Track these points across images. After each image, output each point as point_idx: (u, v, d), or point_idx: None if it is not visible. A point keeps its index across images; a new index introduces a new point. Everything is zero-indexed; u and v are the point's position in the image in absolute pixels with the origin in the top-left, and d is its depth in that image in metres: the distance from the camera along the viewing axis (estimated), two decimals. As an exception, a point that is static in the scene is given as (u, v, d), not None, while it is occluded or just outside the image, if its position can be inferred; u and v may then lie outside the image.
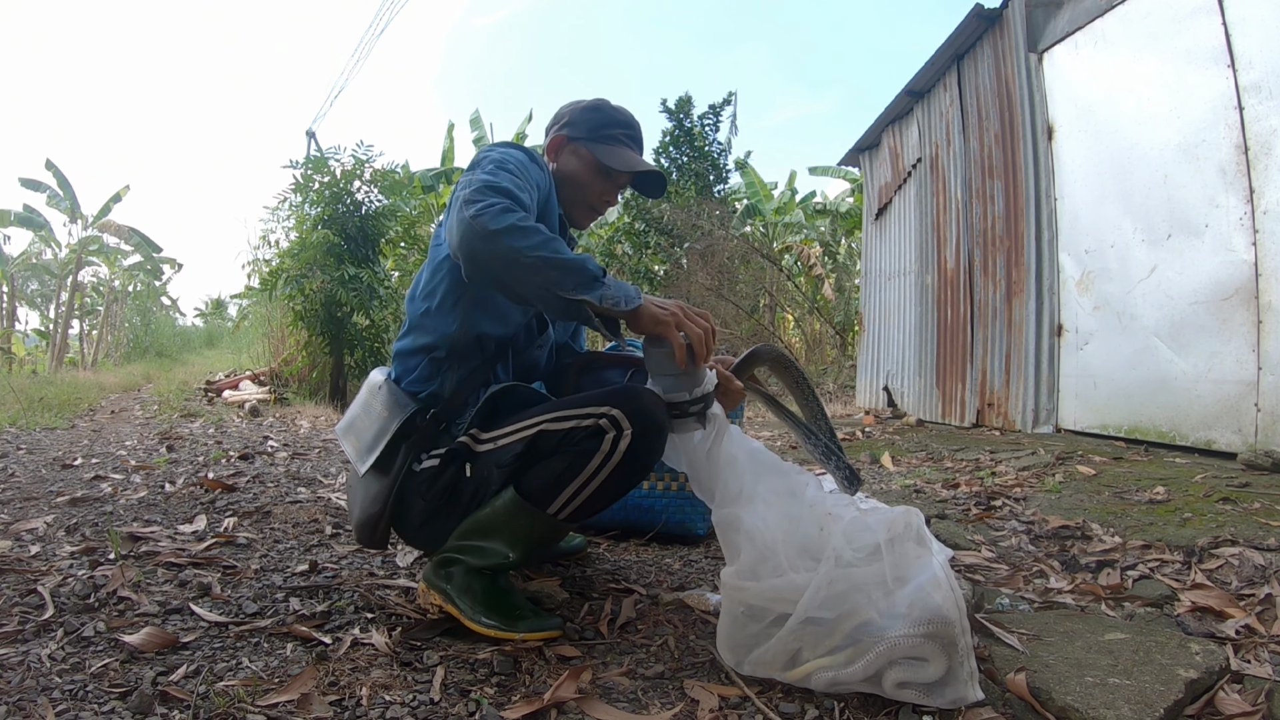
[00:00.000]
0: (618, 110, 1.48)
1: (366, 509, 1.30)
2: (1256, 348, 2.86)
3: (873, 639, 1.00)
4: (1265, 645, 1.21)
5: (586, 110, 1.46)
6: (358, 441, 1.35)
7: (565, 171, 1.45)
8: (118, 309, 17.37)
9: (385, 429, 1.29)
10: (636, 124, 1.50)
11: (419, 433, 1.29)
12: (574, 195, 1.45)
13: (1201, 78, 3.07)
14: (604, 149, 1.43)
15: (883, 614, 1.01)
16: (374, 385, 1.41)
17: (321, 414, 5.53)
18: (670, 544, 1.88)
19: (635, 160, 1.44)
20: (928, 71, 5.11)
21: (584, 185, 1.44)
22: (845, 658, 1.01)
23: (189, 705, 0.97)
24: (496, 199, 1.12)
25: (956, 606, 1.00)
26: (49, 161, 15.95)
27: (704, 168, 10.27)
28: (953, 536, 1.87)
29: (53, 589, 1.36)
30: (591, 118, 1.45)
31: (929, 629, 0.98)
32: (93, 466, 2.83)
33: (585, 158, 1.43)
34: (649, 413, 1.18)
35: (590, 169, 1.43)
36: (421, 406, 1.31)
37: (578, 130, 1.44)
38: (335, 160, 6.53)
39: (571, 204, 1.46)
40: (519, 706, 1.00)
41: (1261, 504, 1.96)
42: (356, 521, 1.34)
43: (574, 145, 1.44)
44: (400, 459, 1.28)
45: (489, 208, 1.10)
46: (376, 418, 1.33)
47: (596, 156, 1.42)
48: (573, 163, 1.44)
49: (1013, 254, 4.28)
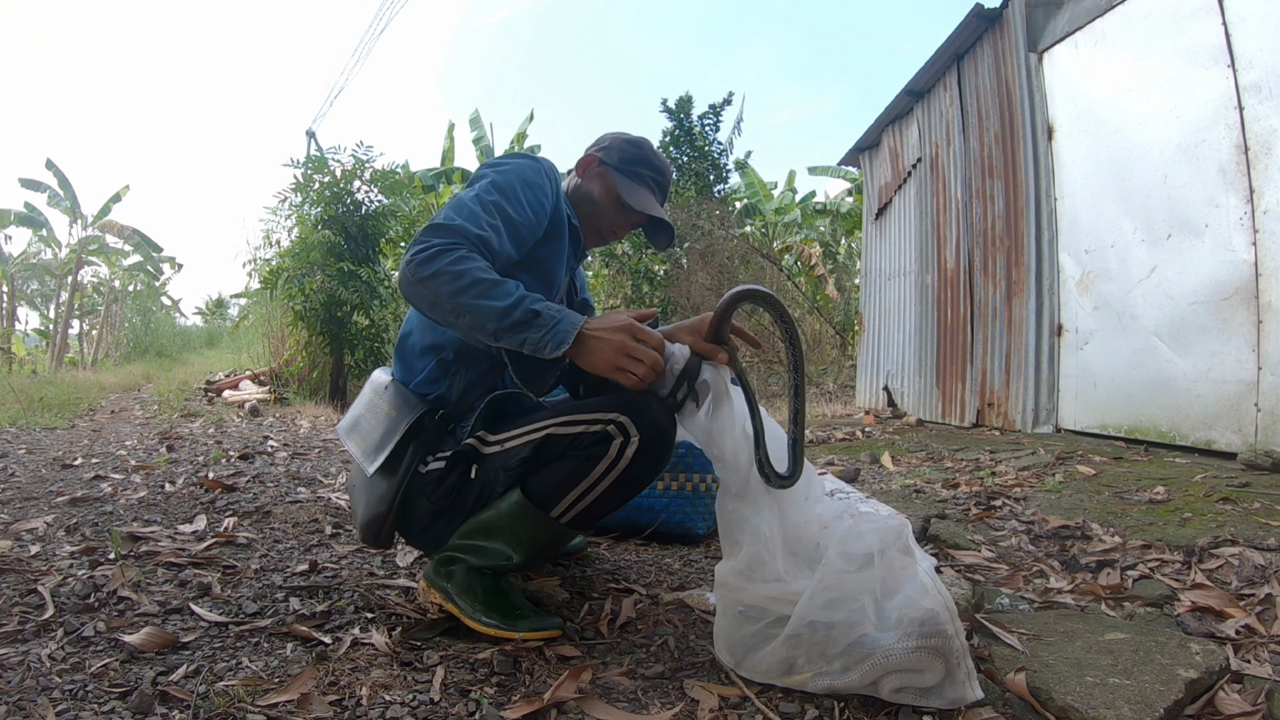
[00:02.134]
0: (655, 155, 1.51)
1: (372, 509, 1.30)
2: (1256, 348, 2.86)
3: (866, 651, 1.00)
4: (1265, 645, 1.21)
5: (627, 144, 1.50)
6: (364, 441, 1.35)
7: (586, 191, 1.48)
8: (118, 309, 17.36)
9: (394, 429, 1.29)
10: (668, 174, 1.53)
11: (427, 433, 1.29)
12: (588, 216, 1.48)
13: (1201, 78, 3.07)
14: (628, 184, 1.45)
15: (876, 626, 1.01)
16: (379, 385, 1.40)
17: (321, 414, 5.53)
18: (670, 544, 1.88)
19: (652, 204, 1.46)
20: (928, 71, 5.11)
21: (599, 210, 1.46)
22: (840, 666, 1.01)
23: (189, 705, 0.97)
24: (435, 241, 1.14)
25: (947, 609, 1.00)
26: (49, 161, 15.94)
27: (704, 168, 10.26)
28: (953, 536, 1.87)
29: (53, 589, 1.36)
30: (628, 151, 1.48)
31: (922, 641, 0.97)
32: (93, 466, 2.83)
33: (608, 185, 1.46)
34: (657, 421, 1.18)
35: (609, 197, 1.45)
36: (430, 408, 1.31)
37: (611, 157, 1.48)
38: (335, 160, 6.53)
39: (584, 224, 1.48)
40: (519, 706, 1.00)
41: (1261, 504, 1.96)
42: (361, 521, 1.33)
43: (602, 170, 1.47)
44: (408, 460, 1.28)
45: (422, 251, 1.13)
46: (384, 418, 1.33)
47: (618, 188, 1.44)
48: (596, 186, 1.47)
49: (1013, 254, 4.28)
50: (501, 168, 1.31)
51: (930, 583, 1.01)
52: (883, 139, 6.15)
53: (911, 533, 1.12)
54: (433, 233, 1.16)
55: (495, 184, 1.27)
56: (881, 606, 1.01)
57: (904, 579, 1.03)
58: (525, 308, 1.11)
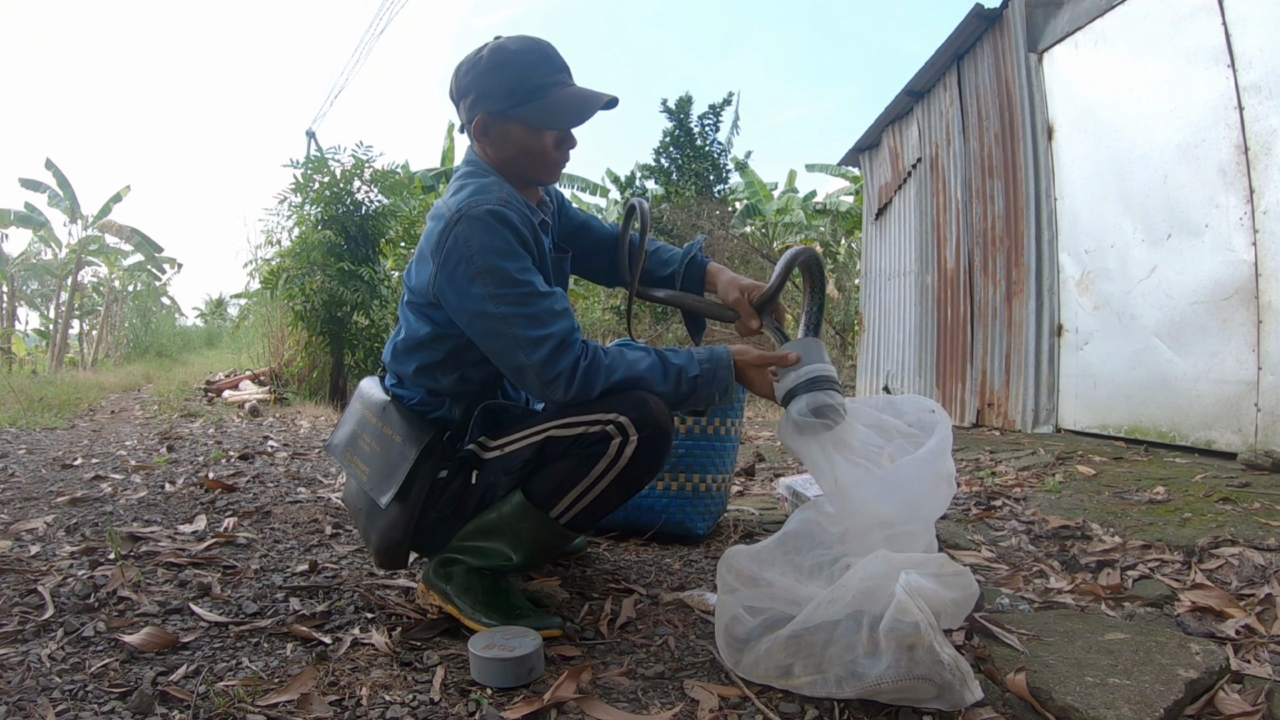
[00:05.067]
0: (524, 51, 1.22)
1: (387, 535, 1.27)
2: (1256, 348, 2.85)
3: (858, 676, 0.98)
4: (1265, 645, 1.21)
5: (491, 73, 1.21)
6: (367, 468, 1.29)
7: (507, 155, 1.26)
8: (118, 309, 17.35)
9: (403, 457, 1.25)
10: (548, 51, 1.24)
11: (436, 456, 1.27)
12: (529, 167, 1.28)
13: (1201, 78, 3.07)
14: (540, 111, 1.21)
15: (866, 649, 0.98)
16: (375, 403, 1.35)
17: (321, 414, 5.53)
18: (670, 544, 1.88)
19: (582, 106, 1.22)
20: (928, 71, 5.11)
21: (536, 155, 1.26)
22: (834, 678, 1.00)
23: (189, 705, 0.97)
24: (564, 360, 1.15)
25: (930, 626, 0.98)
26: (49, 161, 15.92)
27: (704, 168, 10.28)
28: (953, 536, 1.87)
29: (53, 589, 1.36)
30: (502, 80, 1.21)
31: (912, 668, 0.96)
32: (93, 466, 2.83)
33: (520, 133, 1.23)
34: (656, 420, 1.18)
35: (534, 140, 1.24)
36: (438, 432, 1.28)
37: (496, 102, 1.22)
38: (335, 160, 6.54)
39: (532, 172, 1.29)
40: (519, 706, 1.00)
41: (1261, 504, 1.95)
42: (376, 547, 1.30)
43: (500, 122, 1.23)
44: (420, 484, 1.25)
45: (570, 379, 1.15)
46: (387, 443, 1.28)
47: (532, 126, 1.22)
48: (510, 143, 1.25)
49: (1013, 254, 4.28)
50: (473, 264, 1.14)
51: (907, 600, 0.98)
52: (883, 139, 6.15)
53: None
54: (550, 360, 1.14)
55: (491, 291, 1.14)
56: (874, 629, 0.99)
57: (886, 597, 1.00)
58: (684, 381, 1.20)
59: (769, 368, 1.22)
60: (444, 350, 1.27)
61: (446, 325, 1.24)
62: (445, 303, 1.20)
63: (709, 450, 1.88)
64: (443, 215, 1.19)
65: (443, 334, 1.26)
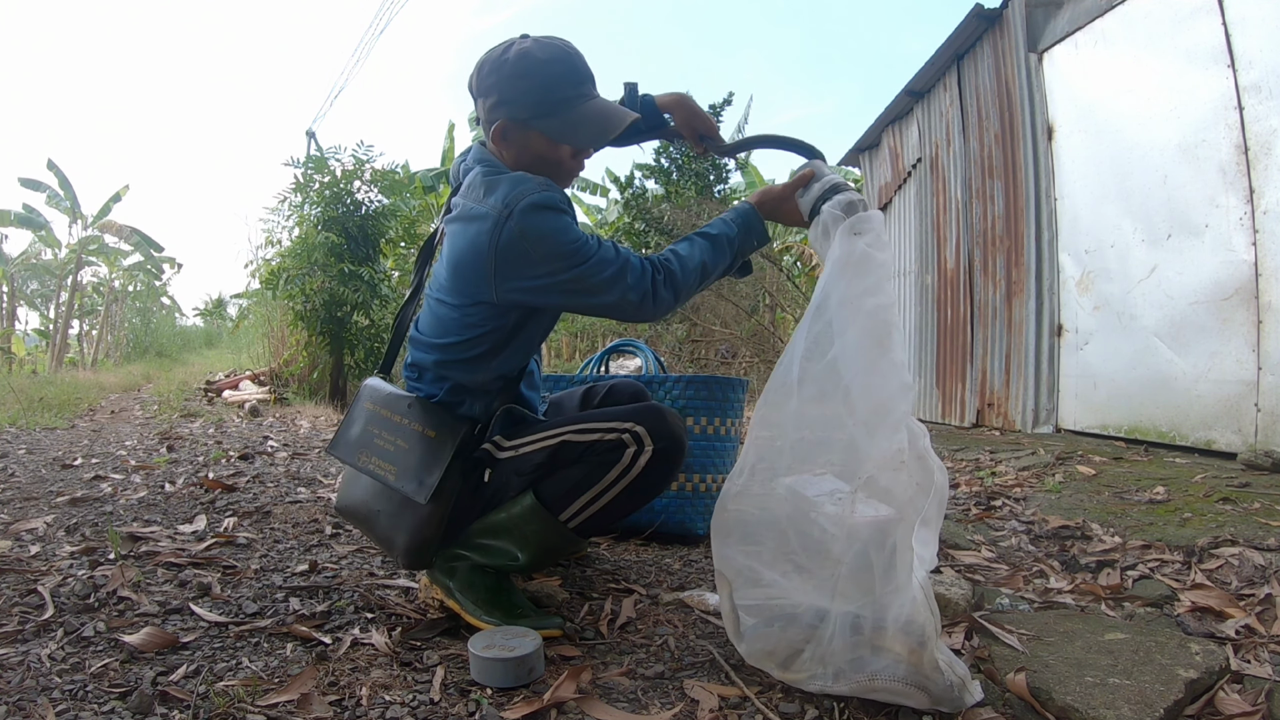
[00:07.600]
0: (551, 61, 1.20)
1: (419, 532, 1.23)
2: (1256, 348, 2.85)
3: (857, 669, 0.98)
4: (1265, 645, 1.21)
5: (516, 80, 1.19)
6: (393, 466, 1.24)
7: (524, 161, 1.25)
8: (118, 309, 17.36)
9: (439, 453, 1.21)
10: (574, 60, 1.22)
11: (466, 451, 1.25)
12: (544, 173, 1.25)
13: (1201, 78, 3.07)
14: (563, 127, 1.22)
15: (871, 642, 0.99)
16: (395, 400, 1.31)
17: (321, 414, 5.53)
18: (670, 544, 1.88)
19: (605, 126, 1.22)
20: (928, 71, 5.11)
21: (552, 164, 1.25)
22: (833, 672, 1.01)
23: (189, 705, 0.97)
24: (644, 282, 1.19)
25: (935, 630, 0.98)
26: (50, 161, 15.98)
27: (704, 168, 10.26)
28: (952, 537, 1.87)
29: (53, 589, 1.36)
30: (527, 89, 1.19)
31: (909, 673, 0.96)
32: (93, 466, 2.83)
33: (542, 143, 1.23)
34: (671, 432, 1.19)
35: (552, 150, 1.24)
36: (470, 425, 1.26)
37: (519, 110, 1.20)
38: (335, 160, 6.54)
39: (546, 177, 1.25)
40: (519, 706, 1.00)
41: (1261, 504, 1.96)
42: (406, 546, 1.25)
43: (523, 129, 1.22)
44: (454, 479, 1.23)
45: (654, 294, 1.20)
46: (418, 439, 1.24)
47: (557, 141, 1.23)
48: (529, 152, 1.24)
49: (1013, 254, 4.28)
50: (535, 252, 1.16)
51: (921, 596, 0.99)
52: (883, 139, 6.15)
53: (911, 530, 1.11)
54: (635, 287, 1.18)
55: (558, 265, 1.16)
56: (880, 618, 0.99)
57: (897, 591, 1.01)
58: (732, 242, 1.28)
59: (792, 195, 1.29)
60: (484, 346, 1.25)
61: (484, 322, 1.23)
62: (510, 296, 1.18)
63: (709, 450, 1.88)
64: (487, 215, 1.15)
65: (483, 332, 1.24)
